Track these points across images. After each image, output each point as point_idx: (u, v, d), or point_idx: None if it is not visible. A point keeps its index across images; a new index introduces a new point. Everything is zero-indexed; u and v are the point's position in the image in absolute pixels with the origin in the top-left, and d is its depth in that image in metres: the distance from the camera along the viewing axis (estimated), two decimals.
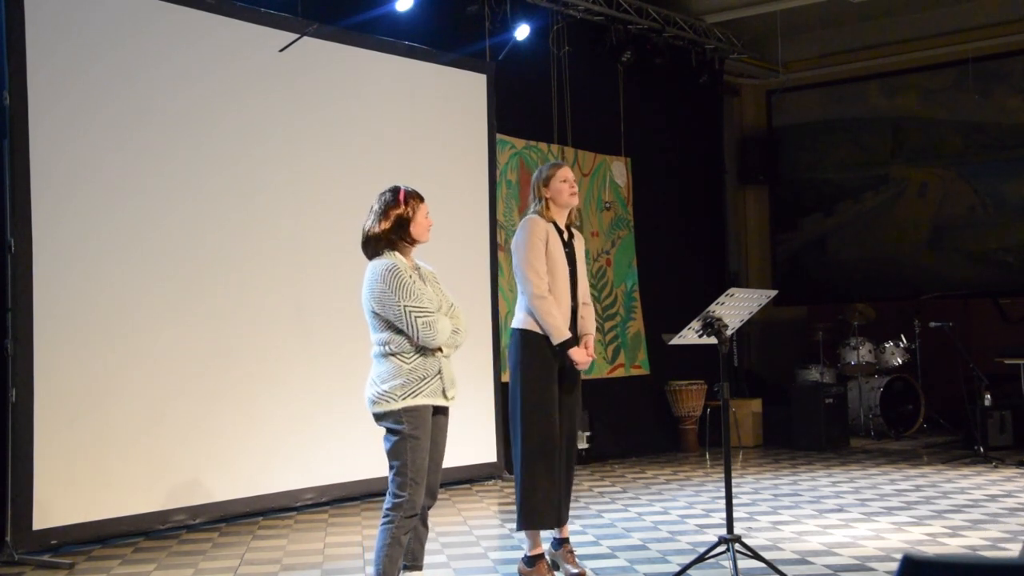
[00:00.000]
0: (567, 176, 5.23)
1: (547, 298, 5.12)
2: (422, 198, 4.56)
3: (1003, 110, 11.62)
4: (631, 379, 10.32)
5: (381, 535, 4.36)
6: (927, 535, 6.07)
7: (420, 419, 4.39)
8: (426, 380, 4.40)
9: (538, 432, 5.12)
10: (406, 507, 4.34)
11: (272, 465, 7.17)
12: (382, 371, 4.41)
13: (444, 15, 8.63)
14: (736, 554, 4.97)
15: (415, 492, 4.36)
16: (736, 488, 7.62)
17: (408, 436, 4.35)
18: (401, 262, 4.43)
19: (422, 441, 4.39)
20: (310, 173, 7.54)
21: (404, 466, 4.35)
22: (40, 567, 5.79)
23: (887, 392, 10.88)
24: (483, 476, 8.60)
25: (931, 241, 12.04)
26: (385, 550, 4.34)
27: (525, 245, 5.16)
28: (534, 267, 5.12)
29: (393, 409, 4.36)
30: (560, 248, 5.22)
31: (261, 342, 7.18)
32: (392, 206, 4.48)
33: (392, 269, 4.37)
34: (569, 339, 5.12)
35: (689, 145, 11.40)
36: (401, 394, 4.35)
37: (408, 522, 4.37)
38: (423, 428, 4.40)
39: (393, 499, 4.37)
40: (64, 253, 6.23)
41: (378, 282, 4.38)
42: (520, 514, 5.16)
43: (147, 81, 6.69)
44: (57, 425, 6.10)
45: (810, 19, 11.57)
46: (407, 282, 4.36)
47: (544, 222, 5.21)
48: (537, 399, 5.14)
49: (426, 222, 4.54)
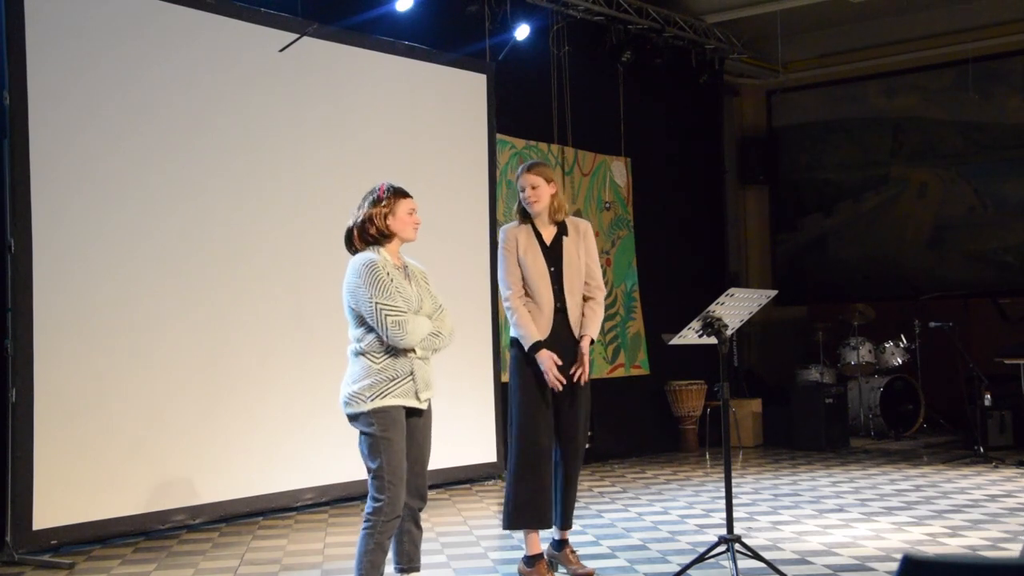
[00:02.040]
0: (525, 183, 5.23)
1: (513, 306, 5.19)
2: (406, 195, 4.48)
3: (1003, 110, 11.61)
4: (631, 379, 10.32)
5: (362, 540, 4.30)
6: (927, 535, 6.07)
7: (391, 420, 4.31)
8: (396, 381, 4.32)
9: (523, 435, 5.17)
10: (386, 510, 4.27)
11: (272, 465, 7.17)
12: (354, 371, 4.37)
13: (444, 15, 8.63)
14: (736, 554, 4.97)
15: (394, 494, 4.28)
16: (736, 488, 7.62)
17: (380, 438, 4.28)
18: (383, 259, 4.37)
19: (395, 442, 4.31)
20: (310, 173, 7.54)
21: (380, 469, 4.28)
22: (40, 567, 5.79)
23: (887, 392, 10.88)
24: (483, 476, 8.60)
25: (931, 241, 12.04)
26: (367, 556, 4.27)
27: (499, 257, 5.28)
28: (503, 278, 5.23)
29: (363, 411, 4.30)
30: (536, 252, 5.22)
31: (261, 342, 7.18)
32: (373, 202, 4.43)
33: (369, 265, 4.32)
34: (536, 343, 5.12)
35: (689, 145, 11.40)
36: (370, 395, 4.29)
37: (389, 526, 4.30)
38: (395, 429, 4.32)
39: (373, 503, 4.30)
40: (64, 253, 6.23)
41: (354, 277, 4.34)
42: (503, 513, 5.26)
43: (147, 81, 6.69)
44: (57, 425, 6.10)
45: (810, 19, 11.56)
46: (382, 279, 4.29)
47: (515, 229, 5.28)
48: (525, 404, 5.19)
49: (409, 219, 4.45)
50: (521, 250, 5.21)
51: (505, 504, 5.23)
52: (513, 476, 5.19)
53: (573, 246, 5.29)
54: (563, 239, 5.29)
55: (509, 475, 5.23)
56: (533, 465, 5.15)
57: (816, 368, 11.11)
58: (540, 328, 5.15)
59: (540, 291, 5.19)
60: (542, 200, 5.22)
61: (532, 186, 5.22)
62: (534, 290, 5.19)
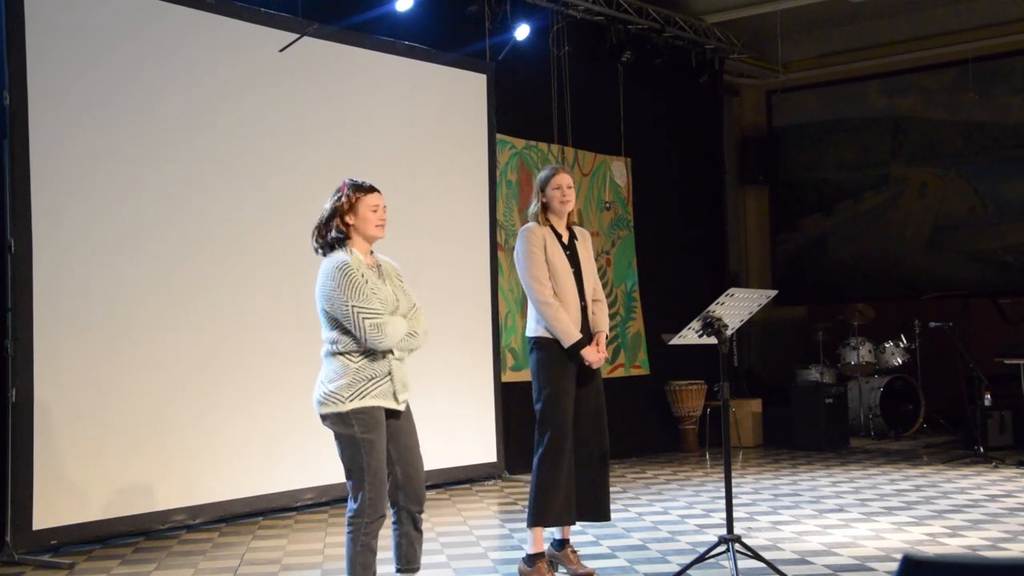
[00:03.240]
0: (560, 183, 5.28)
1: (552, 303, 5.19)
2: (370, 190, 4.33)
3: (1003, 110, 11.61)
4: (631, 379, 10.32)
5: (348, 544, 4.21)
6: (927, 535, 6.07)
7: (372, 421, 4.21)
8: (374, 381, 4.23)
9: (554, 432, 5.19)
10: (368, 512, 4.19)
11: (272, 465, 7.17)
12: (329, 371, 4.27)
13: (444, 15, 8.63)
14: (736, 554, 4.97)
15: (375, 494, 4.19)
16: (736, 488, 7.62)
17: (361, 439, 4.19)
18: (355, 259, 4.25)
19: (377, 442, 4.21)
20: (310, 173, 7.54)
21: (361, 471, 4.18)
22: (40, 567, 5.79)
23: (887, 392, 10.88)
24: (483, 476, 8.60)
25: (931, 241, 12.04)
26: (356, 559, 4.20)
27: (524, 256, 5.26)
28: (535, 275, 5.21)
29: (341, 411, 4.19)
30: (560, 251, 5.29)
31: (261, 342, 7.18)
32: (334, 200, 4.33)
33: (342, 268, 4.21)
34: (579, 340, 5.19)
35: (689, 145, 11.40)
36: (348, 395, 4.19)
37: (374, 526, 4.21)
38: (376, 430, 4.22)
39: (354, 504, 4.21)
40: (64, 253, 6.23)
41: (328, 280, 4.24)
42: (529, 511, 5.22)
43: (147, 81, 6.69)
44: (57, 425, 6.10)
45: (810, 19, 11.57)
46: (357, 281, 4.19)
47: (540, 228, 5.30)
48: (551, 402, 5.21)
49: (373, 216, 4.29)
50: (548, 250, 5.26)
51: (532, 502, 5.20)
52: (544, 474, 5.17)
53: (584, 250, 5.42)
54: (575, 242, 5.40)
55: (540, 473, 5.19)
56: (562, 464, 5.17)
57: (816, 368, 11.11)
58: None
59: (567, 289, 5.25)
60: (573, 201, 5.33)
61: (568, 186, 5.31)
62: (562, 288, 5.24)
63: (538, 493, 5.18)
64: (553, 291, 5.22)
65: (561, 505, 5.18)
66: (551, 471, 5.16)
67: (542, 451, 5.20)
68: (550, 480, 5.15)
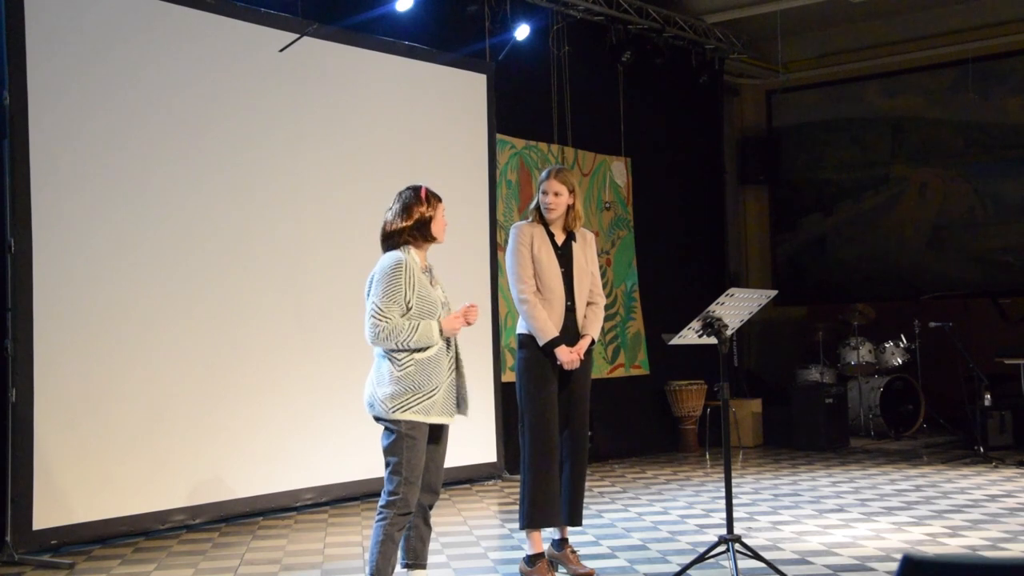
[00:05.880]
0: (548, 188, 5.29)
1: (530, 300, 5.22)
2: (440, 198, 4.60)
3: (1003, 110, 11.61)
4: (631, 379, 10.31)
5: (375, 532, 4.40)
6: (927, 535, 6.07)
7: (416, 423, 4.41)
8: (419, 395, 4.40)
9: (536, 433, 5.20)
10: (400, 504, 4.36)
11: (272, 465, 7.17)
12: (379, 374, 4.46)
13: (444, 15, 8.63)
14: (736, 554, 4.97)
15: (409, 490, 4.38)
16: (736, 488, 7.62)
17: (405, 435, 4.38)
18: (412, 259, 4.47)
19: (419, 441, 4.41)
20: (310, 173, 7.54)
21: (400, 464, 4.37)
22: (40, 567, 5.79)
23: (887, 392, 10.87)
24: (483, 476, 8.61)
25: (931, 241, 12.04)
26: (379, 547, 4.37)
27: (510, 253, 5.33)
28: (517, 273, 5.26)
29: (386, 417, 4.41)
30: (549, 250, 5.30)
31: (261, 342, 7.18)
32: (415, 204, 4.51)
33: (396, 265, 4.41)
34: (554, 339, 5.18)
35: (689, 145, 11.40)
36: (392, 407, 4.37)
37: (402, 519, 4.39)
38: (419, 430, 4.42)
39: (388, 496, 4.39)
40: (64, 253, 6.23)
41: (380, 274, 4.43)
42: (521, 513, 5.24)
43: (147, 81, 6.69)
44: (57, 425, 6.10)
45: (810, 19, 11.57)
46: (399, 284, 4.38)
47: (529, 226, 5.34)
48: (534, 401, 5.23)
49: (444, 222, 4.60)
50: (535, 248, 5.26)
51: (522, 504, 5.23)
52: (530, 475, 5.20)
53: (581, 252, 5.40)
54: (572, 244, 5.39)
55: (526, 475, 5.22)
56: (548, 464, 5.19)
57: (816, 368, 11.11)
58: (553, 323, 5.21)
59: (553, 288, 5.26)
60: (558, 208, 5.30)
61: (555, 192, 5.29)
62: (547, 287, 5.25)
63: (524, 495, 5.22)
64: (537, 288, 5.23)
65: (548, 505, 5.18)
66: (535, 472, 5.18)
67: (525, 453, 5.23)
68: (535, 481, 5.17)
